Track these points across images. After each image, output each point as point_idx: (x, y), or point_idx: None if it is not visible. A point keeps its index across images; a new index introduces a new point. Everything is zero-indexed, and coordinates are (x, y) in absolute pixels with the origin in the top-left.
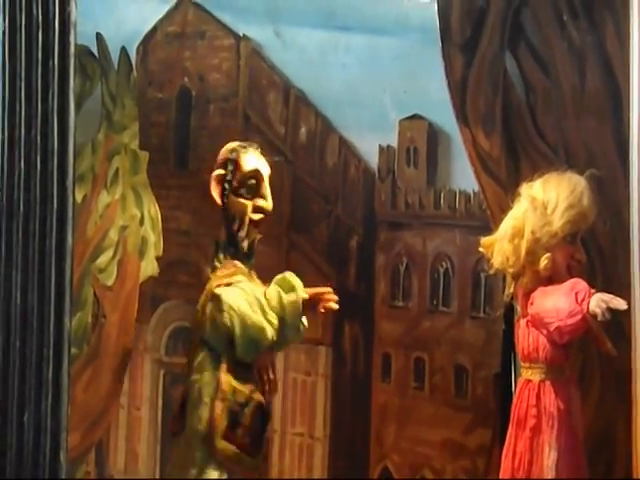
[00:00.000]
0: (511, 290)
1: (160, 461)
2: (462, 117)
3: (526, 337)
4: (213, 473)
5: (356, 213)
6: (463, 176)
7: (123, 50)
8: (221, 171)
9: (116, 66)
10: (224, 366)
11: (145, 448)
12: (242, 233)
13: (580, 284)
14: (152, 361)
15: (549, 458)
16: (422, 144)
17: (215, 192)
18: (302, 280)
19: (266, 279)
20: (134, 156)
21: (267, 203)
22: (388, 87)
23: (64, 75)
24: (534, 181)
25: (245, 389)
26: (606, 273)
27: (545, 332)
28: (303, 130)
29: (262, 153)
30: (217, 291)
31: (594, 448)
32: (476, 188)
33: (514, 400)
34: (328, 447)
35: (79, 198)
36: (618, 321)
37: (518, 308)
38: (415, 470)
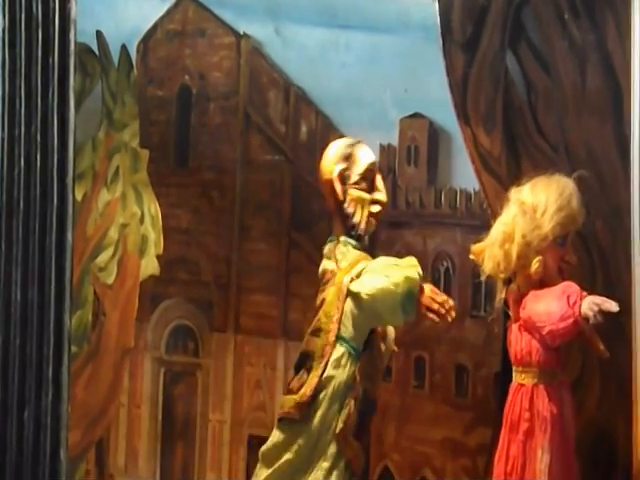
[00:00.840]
0: (502, 295)
1: (160, 459)
2: (463, 116)
3: (519, 341)
4: (344, 468)
5: None
6: (464, 175)
7: (123, 48)
8: (343, 165)
9: (116, 64)
10: (360, 366)
11: (145, 446)
12: (363, 225)
13: (572, 287)
14: (152, 359)
15: (542, 462)
16: (423, 143)
17: (338, 187)
18: (303, 279)
19: (267, 277)
20: (134, 154)
21: (384, 196)
22: (389, 85)
23: (64, 73)
24: (522, 185)
25: (373, 390)
26: (607, 273)
27: (537, 336)
28: (303, 129)
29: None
30: (353, 288)
31: (594, 449)
32: (477, 187)
33: (507, 404)
34: None
35: (79, 196)
36: (619, 322)
37: (510, 313)
38: (415, 469)
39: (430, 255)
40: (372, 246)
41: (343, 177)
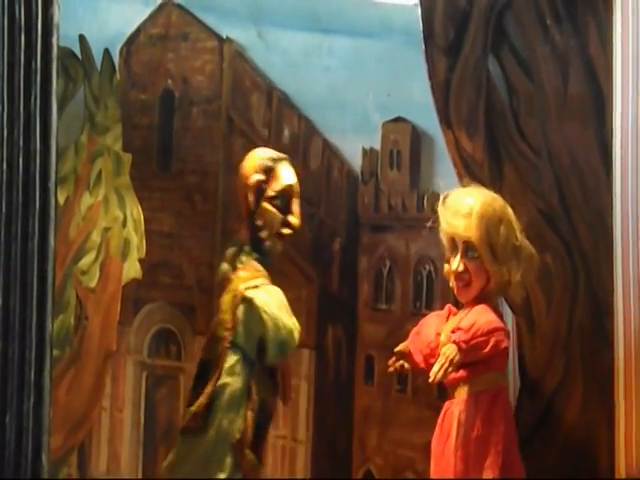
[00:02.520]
0: None
1: (143, 463)
2: (445, 120)
3: None
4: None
5: (339, 216)
6: (446, 179)
7: (106, 52)
8: (261, 177)
9: (99, 68)
10: (255, 374)
11: (127, 450)
12: (269, 243)
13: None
14: (135, 363)
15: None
16: (405, 147)
17: (251, 196)
18: (285, 283)
19: None
20: (117, 158)
21: (297, 221)
22: (372, 90)
23: (46, 77)
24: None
25: (270, 400)
26: (589, 277)
27: None
28: (286, 133)
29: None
30: (249, 294)
31: (577, 452)
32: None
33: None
34: (311, 450)
35: (62, 200)
36: (601, 326)
37: None
38: (398, 473)
39: (412, 259)
40: (354, 250)
41: (259, 188)
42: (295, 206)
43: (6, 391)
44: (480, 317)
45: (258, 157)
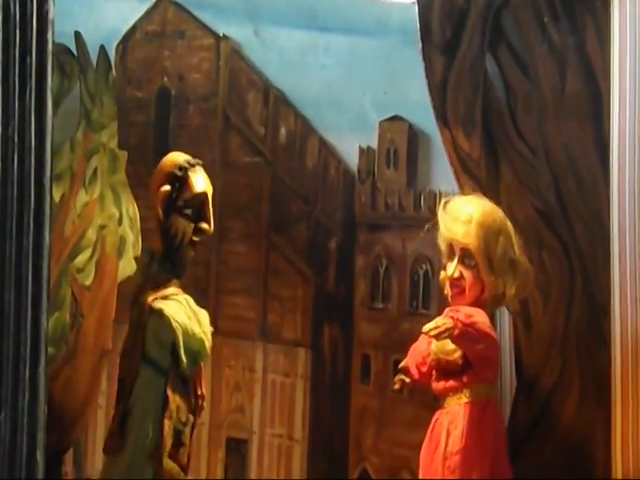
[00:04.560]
0: None
1: None
2: (442, 118)
3: None
4: None
5: (336, 214)
6: (443, 178)
7: (102, 49)
8: (167, 188)
9: (95, 65)
10: (170, 383)
11: None
12: (181, 252)
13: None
14: None
15: None
16: (402, 145)
17: (160, 208)
18: (281, 281)
19: (245, 279)
20: (113, 155)
21: (209, 227)
22: (368, 88)
23: (42, 73)
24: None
25: (186, 407)
26: (586, 277)
27: None
28: (283, 131)
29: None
30: (157, 305)
31: (573, 451)
32: (456, 190)
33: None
34: (307, 448)
35: (57, 197)
36: (598, 325)
37: None
38: (394, 472)
39: (409, 258)
40: (350, 249)
41: (168, 200)
42: (208, 212)
43: (0, 388)
44: (479, 316)
45: (167, 166)
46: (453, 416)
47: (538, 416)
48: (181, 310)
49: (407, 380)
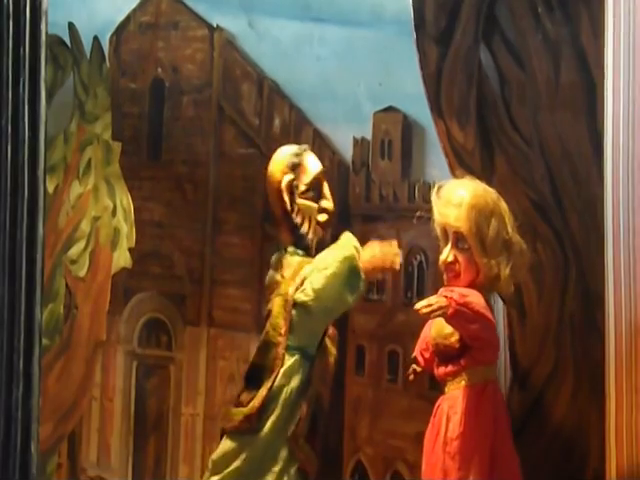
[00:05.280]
0: None
1: (133, 452)
2: (436, 109)
3: None
4: (296, 472)
5: None
6: (438, 169)
7: (95, 40)
8: (291, 176)
9: (88, 56)
10: (314, 369)
11: (118, 440)
12: (311, 235)
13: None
14: (125, 353)
15: None
16: (397, 137)
17: (286, 198)
18: None
19: (240, 271)
20: (107, 147)
21: (331, 204)
22: (363, 79)
23: (35, 64)
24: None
25: (325, 392)
26: (580, 268)
27: None
28: (277, 122)
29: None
30: (299, 299)
31: (568, 441)
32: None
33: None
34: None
35: (51, 188)
36: (592, 316)
37: None
38: (388, 463)
39: (404, 249)
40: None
41: (291, 187)
42: (326, 190)
43: None
44: (474, 296)
45: (283, 157)
46: (453, 401)
47: (532, 406)
48: (316, 274)
49: (418, 369)
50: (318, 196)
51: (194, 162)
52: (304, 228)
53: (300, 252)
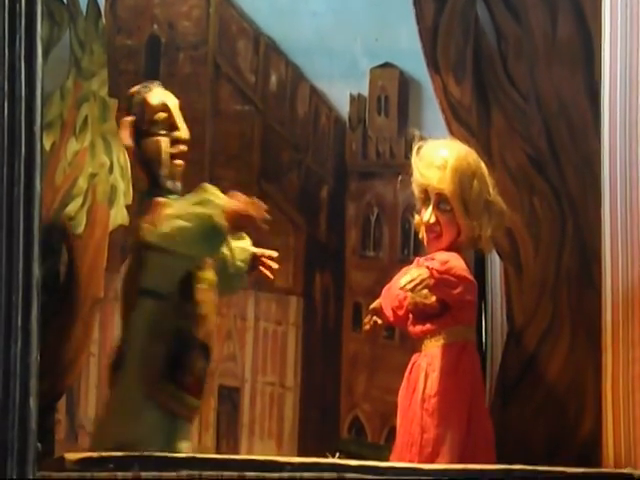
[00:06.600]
0: None
1: None
2: (433, 64)
3: None
4: (152, 412)
5: (327, 162)
6: (434, 125)
7: None
8: (130, 118)
9: (84, 12)
10: (167, 306)
11: None
12: (164, 171)
13: None
14: None
15: None
16: (393, 93)
17: (127, 138)
18: (273, 230)
19: None
20: (103, 103)
21: (182, 133)
22: (359, 35)
23: (31, 21)
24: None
25: (188, 328)
26: (577, 221)
27: None
28: (273, 79)
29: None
30: (146, 237)
31: (563, 397)
32: (447, 136)
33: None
34: (299, 396)
35: (48, 145)
36: (588, 270)
37: None
38: (385, 419)
39: (400, 206)
40: (341, 197)
41: (134, 128)
42: (176, 121)
43: None
44: (454, 260)
45: (126, 99)
46: (431, 358)
47: (529, 361)
48: (176, 221)
49: (379, 321)
50: (170, 128)
51: (190, 119)
52: (154, 165)
53: (156, 191)
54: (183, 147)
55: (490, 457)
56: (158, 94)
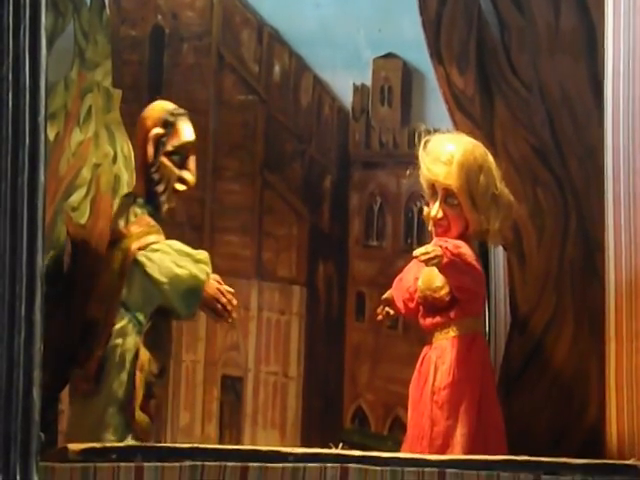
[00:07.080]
0: None
1: None
2: (436, 55)
3: None
4: (131, 442)
5: (330, 152)
6: (437, 115)
7: None
8: (161, 130)
9: (88, 3)
10: (143, 336)
11: None
12: (164, 197)
13: None
14: None
15: None
16: (396, 83)
17: (150, 149)
18: (276, 219)
19: (240, 218)
20: (107, 94)
21: (192, 178)
22: (362, 26)
23: (35, 11)
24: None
25: (158, 359)
26: (580, 213)
27: None
28: (277, 69)
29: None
30: (142, 258)
31: (567, 386)
32: (450, 127)
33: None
34: (302, 386)
35: (51, 136)
36: (592, 260)
37: None
38: (389, 408)
39: (403, 195)
40: (345, 187)
41: (158, 142)
42: (192, 163)
43: None
44: (466, 248)
45: (159, 110)
46: (441, 351)
47: (532, 352)
48: (167, 259)
49: (391, 312)
50: (182, 166)
51: (194, 109)
52: (160, 187)
53: (150, 209)
54: (185, 188)
55: (501, 448)
56: (190, 130)
